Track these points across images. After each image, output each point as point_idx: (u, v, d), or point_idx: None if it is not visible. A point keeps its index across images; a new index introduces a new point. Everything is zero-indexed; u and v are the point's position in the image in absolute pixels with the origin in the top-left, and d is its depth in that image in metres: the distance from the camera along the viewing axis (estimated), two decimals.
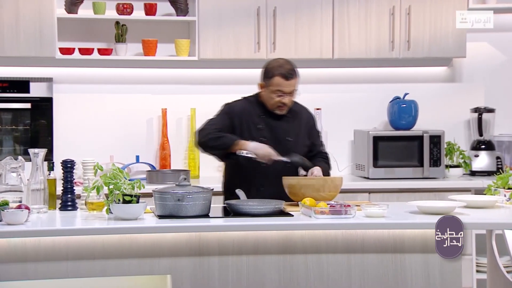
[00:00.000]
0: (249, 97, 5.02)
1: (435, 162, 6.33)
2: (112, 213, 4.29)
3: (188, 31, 6.40)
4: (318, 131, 5.13)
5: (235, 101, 5.01)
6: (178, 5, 6.28)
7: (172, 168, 6.36)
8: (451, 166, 6.48)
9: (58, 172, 4.64)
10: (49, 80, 6.20)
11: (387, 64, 6.65)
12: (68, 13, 6.11)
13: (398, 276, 4.38)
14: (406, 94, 6.57)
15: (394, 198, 6.03)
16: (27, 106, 6.15)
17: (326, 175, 4.89)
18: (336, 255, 4.35)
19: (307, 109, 5.11)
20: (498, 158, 6.52)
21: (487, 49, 6.85)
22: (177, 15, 6.30)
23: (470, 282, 6.06)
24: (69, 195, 4.57)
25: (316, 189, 4.63)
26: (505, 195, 4.86)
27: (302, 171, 4.86)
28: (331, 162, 5.12)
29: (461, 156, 6.55)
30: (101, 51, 6.16)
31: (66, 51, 6.09)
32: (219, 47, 6.19)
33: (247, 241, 4.30)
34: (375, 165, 6.30)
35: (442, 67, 6.80)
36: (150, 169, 6.32)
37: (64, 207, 4.56)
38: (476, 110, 6.66)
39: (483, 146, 6.59)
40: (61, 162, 4.58)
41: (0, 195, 4.43)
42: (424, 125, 6.61)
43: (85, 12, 6.16)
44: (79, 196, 4.60)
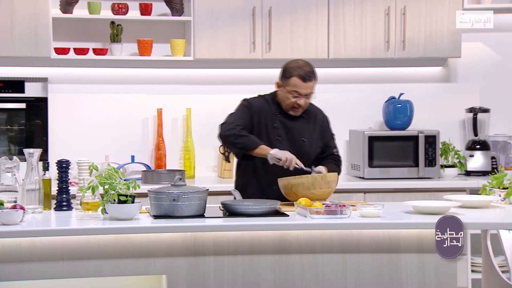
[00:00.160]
0: (266, 95, 5.00)
1: (430, 162, 6.33)
2: (107, 213, 4.28)
3: (183, 31, 6.39)
4: (332, 134, 5.11)
5: (253, 98, 4.98)
6: (174, 5, 6.27)
7: (167, 168, 6.35)
8: (446, 166, 6.47)
9: (53, 172, 4.63)
10: (44, 80, 6.19)
11: (383, 64, 6.65)
12: (63, 13, 6.10)
13: (394, 276, 4.38)
14: (401, 94, 6.56)
15: (390, 198, 6.02)
16: (22, 106, 6.14)
17: None
18: (331, 255, 4.35)
19: (322, 111, 5.10)
20: (493, 158, 6.52)
21: (482, 49, 6.85)
22: (172, 15, 6.29)
23: (465, 282, 6.06)
24: (64, 195, 4.56)
25: (306, 187, 4.63)
26: (500, 195, 4.86)
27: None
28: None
29: (456, 156, 6.54)
30: (96, 51, 6.15)
31: (61, 51, 6.08)
32: (215, 47, 6.19)
33: (243, 241, 4.29)
34: (371, 165, 6.30)
35: (437, 67, 6.80)
36: (145, 169, 6.31)
37: (59, 207, 4.56)
38: (471, 110, 6.66)
39: (478, 146, 6.59)
40: (56, 162, 4.58)
41: None
42: (419, 125, 6.61)
43: (80, 12, 6.15)
44: (74, 196, 4.60)
